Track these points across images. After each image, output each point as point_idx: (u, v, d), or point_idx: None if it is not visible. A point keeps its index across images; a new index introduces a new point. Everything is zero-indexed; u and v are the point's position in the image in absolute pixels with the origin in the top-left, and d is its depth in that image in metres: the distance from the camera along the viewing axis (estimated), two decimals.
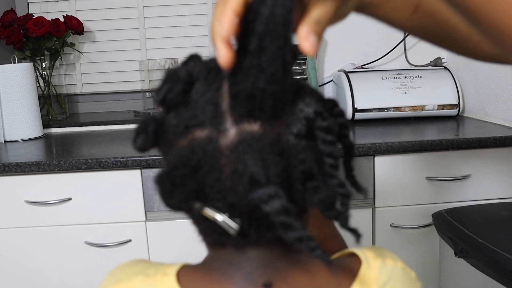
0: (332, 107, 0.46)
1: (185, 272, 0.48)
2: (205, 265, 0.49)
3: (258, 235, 0.45)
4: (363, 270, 0.48)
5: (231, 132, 0.42)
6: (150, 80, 1.82)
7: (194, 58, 0.47)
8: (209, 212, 0.43)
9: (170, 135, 0.45)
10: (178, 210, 0.45)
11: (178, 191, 0.42)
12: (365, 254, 0.50)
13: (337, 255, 0.54)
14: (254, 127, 0.42)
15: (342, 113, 0.46)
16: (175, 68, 0.45)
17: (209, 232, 0.46)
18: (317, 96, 0.46)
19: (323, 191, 0.42)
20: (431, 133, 1.43)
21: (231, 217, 0.43)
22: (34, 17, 1.68)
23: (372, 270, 0.49)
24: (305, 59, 1.69)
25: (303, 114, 0.43)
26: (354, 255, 0.51)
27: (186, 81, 0.44)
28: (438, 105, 1.58)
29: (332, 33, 1.86)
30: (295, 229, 0.40)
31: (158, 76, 1.81)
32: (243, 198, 0.42)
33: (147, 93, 1.83)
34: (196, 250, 0.55)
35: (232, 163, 0.41)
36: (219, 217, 0.43)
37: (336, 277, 0.47)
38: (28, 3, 1.86)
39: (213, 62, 0.45)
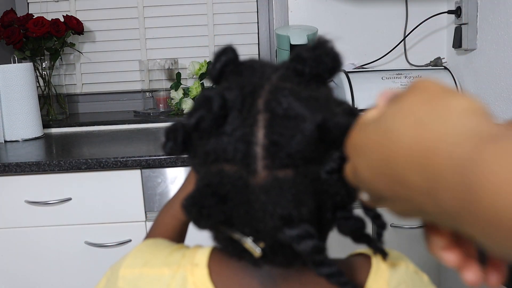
0: None
1: (215, 262, 0.48)
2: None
3: (283, 260, 0.45)
4: (373, 274, 0.48)
5: (262, 174, 0.41)
6: (150, 80, 1.82)
7: (228, 52, 0.46)
8: (236, 235, 0.44)
9: (201, 158, 0.44)
10: (206, 229, 0.45)
11: (205, 220, 0.42)
12: (376, 256, 0.50)
13: (348, 255, 0.54)
14: (287, 172, 0.41)
15: None
16: (209, 92, 0.42)
17: (230, 249, 0.47)
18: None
19: (354, 221, 0.43)
20: None
21: (255, 240, 0.43)
22: (34, 17, 1.68)
23: (383, 273, 0.48)
24: None
25: (337, 154, 0.41)
26: (365, 256, 0.51)
27: (219, 113, 0.42)
28: None
29: (332, 33, 1.86)
30: (328, 265, 0.41)
31: (158, 76, 1.81)
32: (273, 231, 0.41)
33: (147, 93, 1.83)
34: None
35: (262, 201, 0.40)
36: (246, 241, 0.43)
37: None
38: (28, 3, 1.86)
39: (247, 78, 0.44)
